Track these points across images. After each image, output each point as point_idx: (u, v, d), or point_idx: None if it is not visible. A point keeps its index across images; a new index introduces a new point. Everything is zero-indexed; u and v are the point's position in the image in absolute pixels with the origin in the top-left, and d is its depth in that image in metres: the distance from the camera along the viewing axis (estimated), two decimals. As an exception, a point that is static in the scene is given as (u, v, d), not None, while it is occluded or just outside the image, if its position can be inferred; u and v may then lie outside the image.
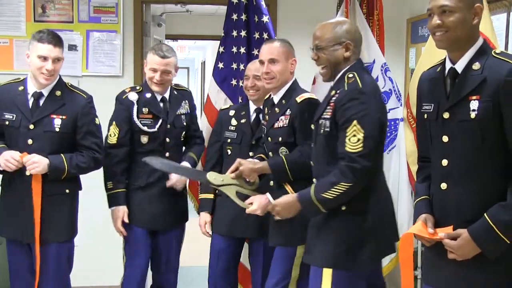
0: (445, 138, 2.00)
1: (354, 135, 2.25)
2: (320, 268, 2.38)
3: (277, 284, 2.79)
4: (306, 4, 4.39)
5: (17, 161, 2.74)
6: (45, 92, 2.88)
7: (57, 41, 2.87)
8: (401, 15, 4.33)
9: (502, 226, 1.87)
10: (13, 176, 2.84)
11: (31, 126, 2.83)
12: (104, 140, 3.07)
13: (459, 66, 1.99)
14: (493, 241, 1.89)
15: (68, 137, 2.89)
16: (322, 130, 2.40)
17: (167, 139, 3.14)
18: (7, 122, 2.86)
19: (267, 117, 2.94)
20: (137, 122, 3.08)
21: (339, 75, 2.43)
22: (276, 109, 2.85)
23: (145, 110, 3.10)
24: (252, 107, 3.18)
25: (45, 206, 2.84)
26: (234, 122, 3.18)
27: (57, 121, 2.86)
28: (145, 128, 3.08)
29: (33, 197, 2.81)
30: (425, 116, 2.10)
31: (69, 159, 2.85)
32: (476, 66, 1.95)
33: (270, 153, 2.87)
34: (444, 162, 2.01)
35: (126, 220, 3.07)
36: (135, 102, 3.10)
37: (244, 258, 3.37)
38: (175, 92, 3.24)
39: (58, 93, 2.90)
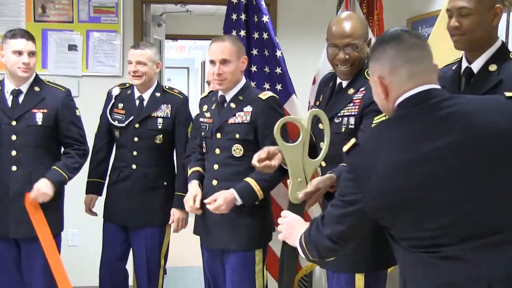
0: None
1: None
2: (352, 274, 2.36)
3: None
4: (306, 4, 4.39)
5: None
6: (24, 89, 2.95)
7: (29, 36, 2.92)
8: (401, 15, 4.33)
9: None
10: None
11: (14, 123, 2.90)
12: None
13: (476, 66, 1.97)
14: None
15: (50, 131, 2.96)
16: (343, 128, 2.35)
17: (135, 138, 3.14)
18: None
19: (208, 114, 2.82)
20: (108, 115, 3.20)
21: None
22: (232, 104, 2.74)
23: (120, 105, 3.21)
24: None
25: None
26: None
27: (39, 115, 2.93)
28: (115, 123, 3.18)
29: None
30: None
31: (63, 167, 2.94)
32: (493, 67, 1.92)
33: (217, 150, 2.73)
34: None
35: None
36: (113, 96, 3.23)
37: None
38: (157, 94, 3.19)
39: (36, 88, 2.98)
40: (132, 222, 3.19)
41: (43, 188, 2.85)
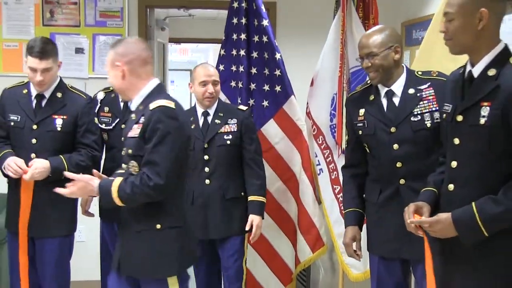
0: (456, 140, 1.99)
1: None
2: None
3: None
4: (304, 9, 4.49)
5: (20, 170, 2.84)
6: (47, 94, 3.01)
7: (44, 53, 2.88)
8: (396, 19, 4.39)
9: (485, 217, 1.87)
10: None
11: (34, 126, 2.97)
12: None
13: (476, 71, 1.96)
14: (471, 229, 1.89)
15: (69, 136, 3.01)
16: (429, 124, 2.39)
17: (123, 138, 3.20)
18: (12, 123, 2.99)
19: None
20: (95, 119, 3.21)
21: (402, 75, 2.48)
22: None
23: (106, 108, 3.26)
24: (200, 110, 3.22)
25: (49, 200, 2.92)
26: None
27: (59, 121, 2.98)
28: (103, 126, 3.22)
29: (22, 201, 2.90)
30: (444, 116, 2.09)
31: (68, 159, 2.95)
32: (492, 72, 1.91)
33: None
34: (454, 164, 2.00)
35: None
36: (99, 100, 3.28)
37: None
38: None
39: (59, 94, 3.03)
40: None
41: (38, 164, 2.86)
